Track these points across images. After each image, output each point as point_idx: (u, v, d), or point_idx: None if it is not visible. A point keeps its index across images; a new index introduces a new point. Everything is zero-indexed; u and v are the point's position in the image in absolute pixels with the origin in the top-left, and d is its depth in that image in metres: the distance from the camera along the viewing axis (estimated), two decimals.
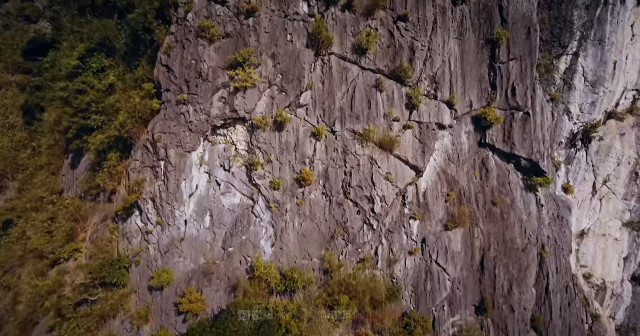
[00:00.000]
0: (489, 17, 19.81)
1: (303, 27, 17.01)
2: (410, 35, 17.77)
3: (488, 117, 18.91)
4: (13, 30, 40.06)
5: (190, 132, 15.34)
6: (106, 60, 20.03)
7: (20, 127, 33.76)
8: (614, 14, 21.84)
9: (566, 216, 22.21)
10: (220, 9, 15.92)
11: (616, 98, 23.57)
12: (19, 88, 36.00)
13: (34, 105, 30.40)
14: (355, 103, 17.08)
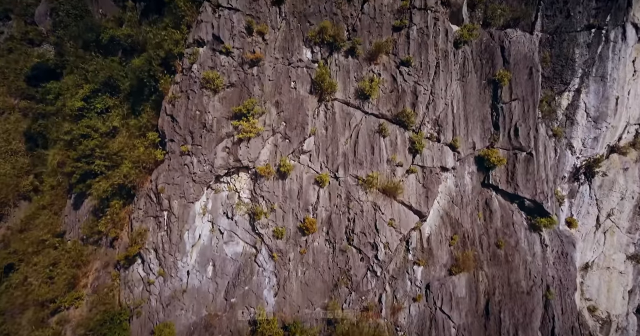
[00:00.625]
0: (491, 58, 19.93)
1: (307, 74, 17.10)
2: (413, 80, 17.85)
3: (491, 158, 18.89)
4: (17, 53, 40.46)
5: (193, 182, 15.33)
6: (110, 100, 20.15)
7: (23, 153, 33.85)
8: (615, 51, 21.94)
9: (570, 252, 22.05)
10: (225, 59, 16.02)
11: (619, 133, 23.58)
12: (21, 113, 36.18)
13: (36, 133, 30.50)
14: (358, 149, 17.08)
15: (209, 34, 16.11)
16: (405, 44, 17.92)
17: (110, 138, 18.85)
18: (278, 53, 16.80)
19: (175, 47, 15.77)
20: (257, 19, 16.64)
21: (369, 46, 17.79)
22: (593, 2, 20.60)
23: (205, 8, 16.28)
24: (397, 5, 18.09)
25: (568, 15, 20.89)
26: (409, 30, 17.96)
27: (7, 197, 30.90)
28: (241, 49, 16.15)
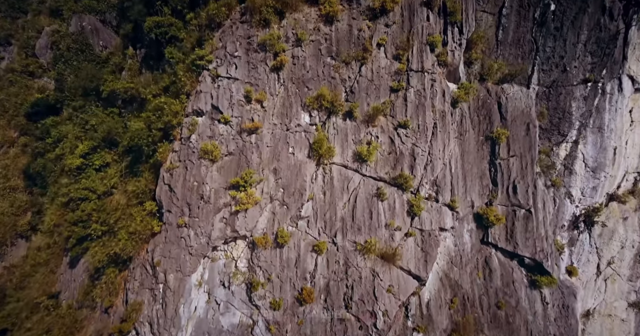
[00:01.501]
0: (488, 114, 20.04)
1: (305, 138, 17.14)
2: (411, 142, 17.88)
3: (490, 217, 18.82)
4: (17, 86, 40.75)
5: (190, 255, 15.21)
6: (109, 155, 20.17)
7: (22, 189, 33.74)
8: (612, 103, 22.08)
9: (572, 304, 21.81)
10: (223, 128, 16.08)
11: (617, 181, 23.58)
12: (21, 148, 36.19)
13: (35, 173, 30.45)
14: (356, 213, 17.00)
15: (208, 104, 16.21)
16: (402, 106, 18.02)
17: (108, 195, 18.80)
18: (276, 119, 16.86)
19: (174, 118, 15.85)
20: (256, 86, 16.75)
21: (366, 107, 17.88)
22: (589, 57, 20.80)
23: (205, 78, 16.41)
24: (394, 67, 18.24)
25: (564, 70, 21.08)
26: (407, 93, 18.08)
27: (5, 236, 30.70)
28: (240, 117, 16.22)
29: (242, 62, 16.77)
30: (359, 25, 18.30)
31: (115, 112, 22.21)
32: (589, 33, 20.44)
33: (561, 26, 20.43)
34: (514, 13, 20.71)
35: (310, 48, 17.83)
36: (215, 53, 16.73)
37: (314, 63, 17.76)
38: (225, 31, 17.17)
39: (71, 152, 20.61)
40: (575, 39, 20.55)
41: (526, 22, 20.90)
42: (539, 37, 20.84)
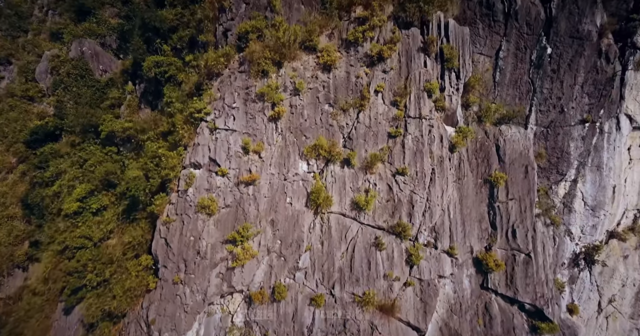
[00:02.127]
0: (487, 157, 20.01)
1: (302, 187, 17.07)
2: (409, 189, 17.82)
3: (489, 263, 18.66)
4: (17, 112, 40.77)
5: (185, 313, 15.03)
6: (106, 198, 20.08)
7: (20, 218, 33.56)
8: (610, 141, 22.07)
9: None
10: (220, 180, 16.03)
11: (617, 219, 23.47)
12: (19, 175, 36.09)
13: (34, 203, 30.32)
14: (354, 264, 16.86)
15: (206, 156, 16.19)
16: (400, 153, 17.99)
17: (106, 240, 18.67)
18: (274, 169, 16.82)
19: (171, 171, 15.81)
20: (254, 137, 16.75)
21: (364, 154, 17.86)
22: (586, 98, 20.85)
23: (203, 130, 16.42)
24: (392, 113, 18.27)
25: (562, 111, 21.12)
26: (404, 139, 18.07)
27: (1, 266, 30.44)
28: (237, 169, 16.19)
29: (240, 112, 16.79)
30: (357, 72, 18.38)
31: (113, 151, 22.19)
32: (586, 75, 20.51)
33: (558, 68, 20.52)
34: (510, 55, 20.82)
35: (308, 96, 17.87)
36: (214, 104, 16.76)
37: (312, 111, 17.78)
38: (223, 81, 17.24)
39: (69, 193, 20.53)
40: (572, 80, 20.62)
41: (523, 64, 21.00)
42: (536, 79, 20.92)
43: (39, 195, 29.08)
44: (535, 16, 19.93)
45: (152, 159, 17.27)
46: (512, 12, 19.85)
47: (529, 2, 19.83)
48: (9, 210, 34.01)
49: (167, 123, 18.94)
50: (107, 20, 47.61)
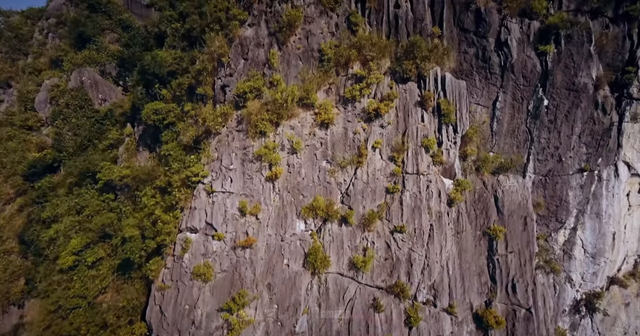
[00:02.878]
0: (485, 209, 19.92)
1: (300, 247, 16.94)
2: (408, 247, 17.67)
3: (490, 321, 18.41)
4: (16, 142, 40.77)
5: None
6: (102, 250, 19.92)
7: (17, 253, 33.30)
8: (609, 189, 22.02)
9: None
10: (217, 244, 15.91)
11: (618, 265, 23.30)
12: (17, 207, 35.94)
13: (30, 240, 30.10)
14: (352, 327, 16.61)
15: (202, 221, 16.12)
16: (398, 210, 17.90)
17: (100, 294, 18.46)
18: (271, 230, 16.71)
19: (167, 236, 15.72)
20: (251, 198, 16.69)
21: (362, 210, 17.76)
22: (584, 148, 20.85)
23: (200, 193, 16.38)
24: (389, 169, 18.24)
25: (560, 160, 21.10)
26: (402, 196, 17.99)
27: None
28: (234, 232, 16.09)
29: (238, 174, 16.76)
30: (354, 127, 18.41)
31: (110, 198, 22.09)
32: (583, 126, 20.54)
33: (555, 119, 20.56)
34: (507, 106, 20.88)
35: (306, 153, 17.86)
36: (211, 165, 16.75)
37: (309, 169, 17.75)
38: (221, 140, 17.25)
39: (65, 242, 20.38)
40: (570, 131, 20.64)
41: (520, 114, 21.05)
42: (533, 129, 20.94)
43: (36, 233, 28.91)
44: (532, 69, 20.05)
45: (148, 216, 17.17)
46: (508, 66, 19.97)
47: (524, 55, 19.97)
48: (6, 245, 33.73)
49: (164, 175, 18.88)
50: (107, 46, 48.02)
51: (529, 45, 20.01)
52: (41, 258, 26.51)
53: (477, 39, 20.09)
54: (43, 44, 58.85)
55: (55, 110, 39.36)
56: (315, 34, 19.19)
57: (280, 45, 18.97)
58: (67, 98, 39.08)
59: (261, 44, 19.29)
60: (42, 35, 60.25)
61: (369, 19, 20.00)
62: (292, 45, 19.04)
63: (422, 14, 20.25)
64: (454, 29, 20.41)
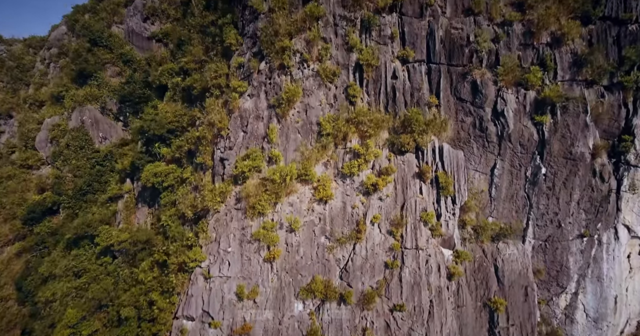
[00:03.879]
0: (485, 279, 19.77)
1: (298, 330, 16.75)
2: (407, 326, 17.48)
3: None
4: (15, 181, 40.83)
5: None
6: (98, 322, 19.70)
7: (14, 300, 32.99)
8: (609, 252, 21.89)
9: None
10: (214, 332, 15.71)
11: (620, 328, 23.00)
12: (15, 252, 35.74)
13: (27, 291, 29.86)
14: None
15: (199, 308, 16.00)
16: (398, 287, 17.77)
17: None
18: (269, 313, 16.56)
19: (163, 326, 15.59)
20: (249, 280, 16.60)
21: (361, 287, 17.64)
22: (583, 214, 20.82)
23: (196, 278, 16.32)
24: (388, 243, 18.19)
25: (559, 226, 21.03)
26: (402, 273, 17.90)
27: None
28: (231, 319, 15.94)
29: (236, 256, 16.73)
30: (353, 201, 18.43)
31: (107, 262, 21.99)
32: (582, 193, 20.55)
33: (553, 186, 20.58)
34: (505, 172, 20.94)
35: (304, 231, 17.83)
36: (209, 247, 16.74)
37: (308, 247, 17.69)
38: (219, 220, 17.27)
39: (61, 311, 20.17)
40: (568, 197, 20.64)
41: (518, 180, 21.09)
42: (532, 195, 20.95)
43: (33, 283, 28.71)
44: (529, 137, 20.18)
45: (145, 294, 17.04)
46: (505, 135, 20.11)
47: (521, 125, 20.13)
48: (3, 291, 33.36)
49: (162, 244, 18.81)
50: (108, 82, 48.36)
51: (525, 115, 20.19)
52: (37, 316, 26.23)
53: (474, 108, 20.29)
54: (45, 74, 59.47)
55: (55, 151, 39.52)
56: (313, 106, 19.40)
57: (280, 118, 19.15)
58: (68, 139, 39.25)
59: (260, 117, 19.48)
60: (44, 65, 60.94)
61: (367, 88, 20.24)
62: (291, 118, 19.22)
63: (419, 83, 20.52)
64: (450, 98, 20.64)
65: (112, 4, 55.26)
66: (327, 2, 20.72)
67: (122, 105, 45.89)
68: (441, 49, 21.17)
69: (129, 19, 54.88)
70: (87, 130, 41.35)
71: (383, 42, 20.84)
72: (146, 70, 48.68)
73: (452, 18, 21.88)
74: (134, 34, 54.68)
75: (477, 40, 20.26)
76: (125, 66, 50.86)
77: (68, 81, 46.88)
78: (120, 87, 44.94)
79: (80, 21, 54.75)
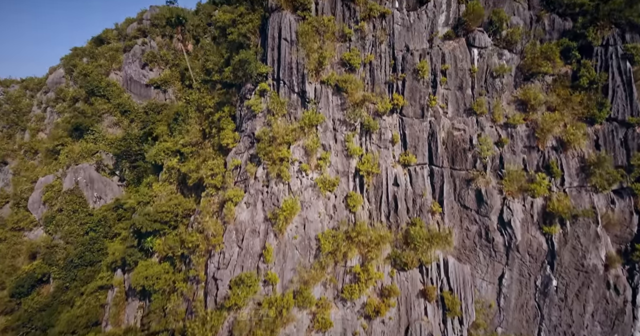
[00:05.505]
0: None
1: None
2: None
3: None
4: (6, 244, 39.67)
5: None
6: None
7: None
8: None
9: None
10: None
11: None
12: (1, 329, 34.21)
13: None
14: None
15: None
16: None
17: None
18: None
19: None
20: None
21: None
22: (598, 326, 19.29)
23: None
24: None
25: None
26: None
27: None
28: None
29: None
30: (354, 328, 17.32)
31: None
32: (596, 305, 19.42)
33: (565, 298, 19.46)
34: (514, 282, 19.85)
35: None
36: None
37: None
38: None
39: None
40: (582, 309, 19.52)
41: (528, 289, 19.99)
42: (543, 305, 19.81)
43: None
44: (537, 247, 19.23)
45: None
46: (512, 245, 19.17)
47: (529, 235, 19.22)
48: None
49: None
50: (105, 134, 47.75)
51: (533, 225, 19.31)
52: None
53: (479, 217, 19.43)
54: (41, 119, 58.92)
55: (48, 215, 38.35)
56: (312, 220, 18.55)
57: (277, 234, 18.26)
58: (61, 202, 38.17)
59: (256, 232, 18.60)
60: (41, 109, 60.44)
61: (368, 195, 19.50)
62: (288, 234, 18.34)
63: (421, 188, 19.75)
64: (454, 205, 19.82)
65: (110, 49, 55.24)
66: (327, 106, 20.26)
67: (118, 159, 45.33)
68: (443, 152, 20.52)
69: (127, 66, 54.94)
70: (82, 191, 40.39)
71: (384, 145, 20.21)
72: (144, 120, 48.48)
73: (453, 118, 21.34)
74: (132, 81, 54.56)
75: (480, 146, 19.60)
76: (123, 116, 50.64)
77: (64, 134, 46.21)
78: (116, 144, 44.21)
79: (79, 66, 54.66)
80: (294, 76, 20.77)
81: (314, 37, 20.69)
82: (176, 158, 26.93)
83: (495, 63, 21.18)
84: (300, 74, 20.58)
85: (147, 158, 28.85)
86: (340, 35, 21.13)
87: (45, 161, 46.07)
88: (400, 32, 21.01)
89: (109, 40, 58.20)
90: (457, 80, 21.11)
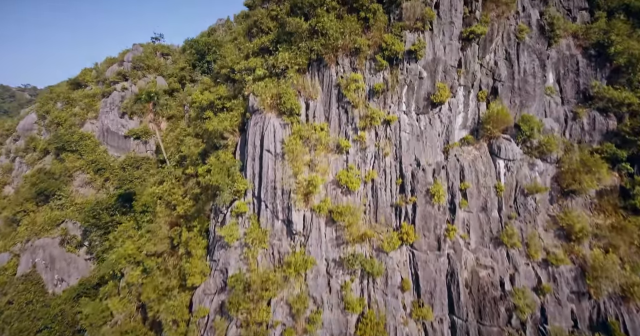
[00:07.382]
0: None
1: None
2: None
3: None
4: None
5: None
6: None
7: None
8: None
9: None
10: None
11: None
12: None
13: None
14: None
15: None
16: None
17: None
18: None
19: None
20: None
21: None
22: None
23: None
24: None
25: None
26: None
27: None
28: None
29: None
30: None
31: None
32: None
33: None
34: None
35: None
36: None
37: None
38: None
39: None
40: None
41: None
42: None
43: None
44: None
45: None
46: None
47: None
48: None
49: None
50: (74, 198, 42.73)
51: None
52: None
53: None
54: (9, 171, 53.68)
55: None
56: None
57: None
58: (12, 293, 32.63)
59: None
60: (9, 158, 55.26)
61: None
62: None
63: None
64: None
65: (87, 96, 50.51)
66: (318, 242, 15.94)
67: (87, 228, 40.18)
68: (468, 300, 16.13)
69: (105, 116, 50.06)
70: (39, 275, 34.91)
71: (391, 293, 15.76)
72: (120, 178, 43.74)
73: (477, 249, 17.12)
74: (109, 132, 49.68)
75: (515, 298, 15.29)
76: (97, 174, 45.78)
77: (27, 200, 40.91)
78: (84, 215, 38.61)
79: (52, 113, 50.04)
80: (278, 199, 16.52)
81: (302, 149, 16.60)
82: (139, 269, 22.18)
83: (526, 176, 17.15)
84: (287, 196, 16.35)
85: (105, 266, 24.09)
86: (336, 146, 17.10)
87: (3, 231, 40.65)
88: (409, 142, 17.00)
89: (86, 83, 53.83)
90: (479, 200, 16.96)
